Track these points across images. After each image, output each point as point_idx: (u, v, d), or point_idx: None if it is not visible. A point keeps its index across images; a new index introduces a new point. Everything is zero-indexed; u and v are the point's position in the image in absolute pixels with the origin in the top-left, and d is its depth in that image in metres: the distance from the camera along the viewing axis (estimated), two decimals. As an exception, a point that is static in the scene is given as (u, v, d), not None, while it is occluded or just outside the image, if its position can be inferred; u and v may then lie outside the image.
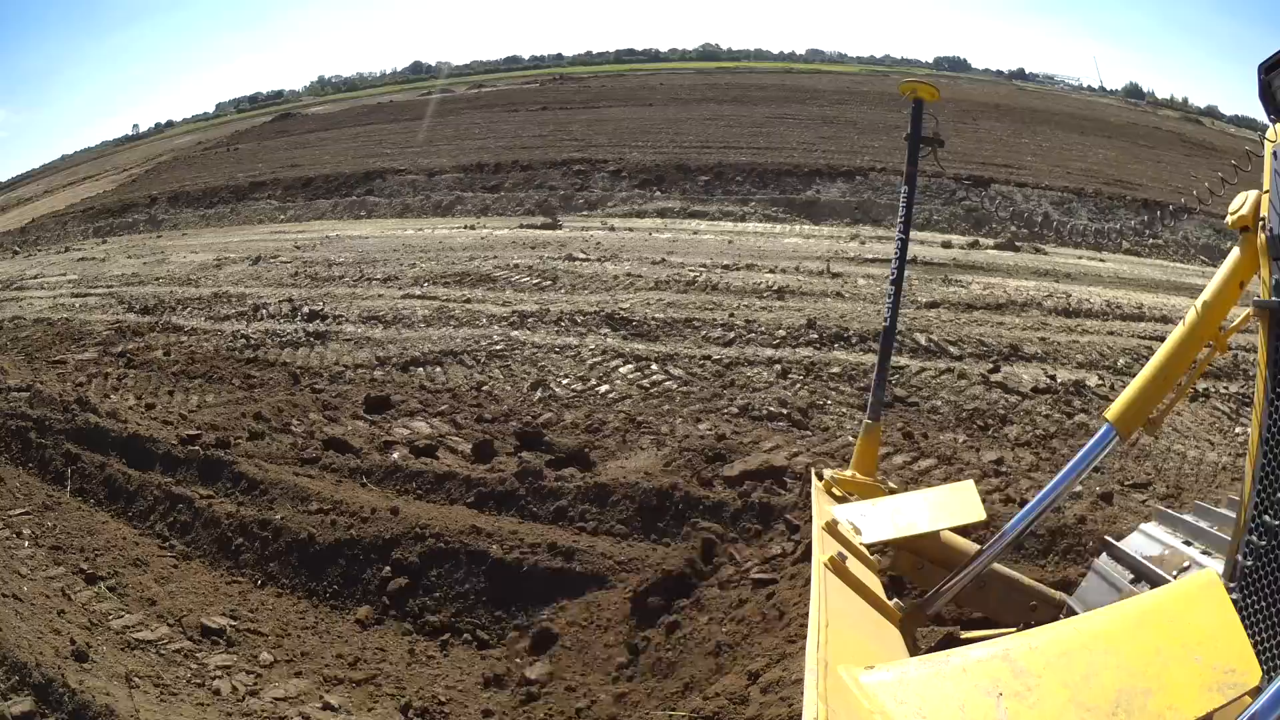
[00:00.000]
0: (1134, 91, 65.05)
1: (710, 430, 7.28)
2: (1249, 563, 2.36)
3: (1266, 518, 2.33)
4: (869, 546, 3.13)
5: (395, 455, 6.95)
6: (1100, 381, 8.63)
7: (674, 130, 29.35)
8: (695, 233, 18.33)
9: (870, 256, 14.95)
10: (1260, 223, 2.50)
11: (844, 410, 7.90)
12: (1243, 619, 2.25)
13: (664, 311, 10.90)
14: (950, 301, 11.68)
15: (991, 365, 8.91)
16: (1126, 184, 22.84)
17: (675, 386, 8.57)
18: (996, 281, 13.43)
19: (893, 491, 3.92)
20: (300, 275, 14.99)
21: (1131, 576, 2.98)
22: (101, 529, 6.08)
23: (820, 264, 14.03)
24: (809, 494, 3.74)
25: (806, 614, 2.46)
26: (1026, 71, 73.94)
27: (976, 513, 3.33)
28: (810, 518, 3.37)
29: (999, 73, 73.45)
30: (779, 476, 5.88)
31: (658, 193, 22.03)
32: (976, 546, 3.39)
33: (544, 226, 19.15)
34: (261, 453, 7.10)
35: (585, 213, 21.31)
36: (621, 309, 11.00)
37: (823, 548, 2.72)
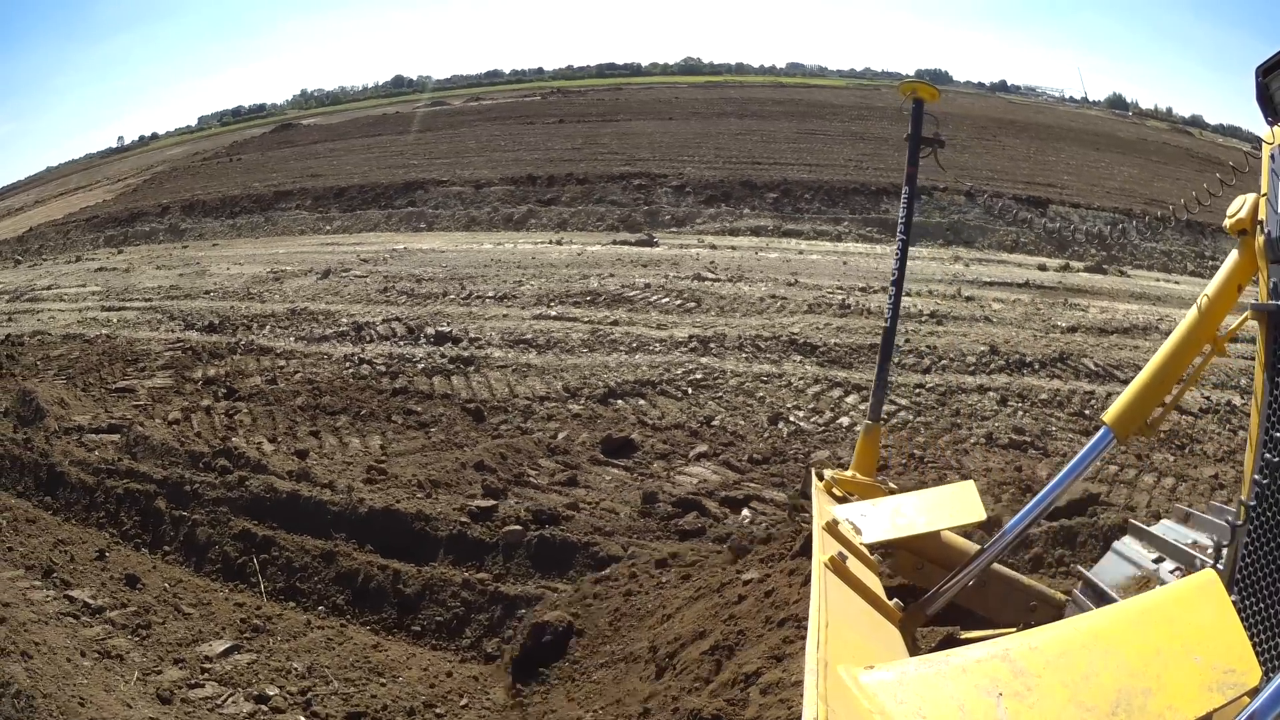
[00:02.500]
0: (1117, 102, 65.38)
1: (983, 463, 7.21)
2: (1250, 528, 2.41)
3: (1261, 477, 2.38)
4: (869, 546, 3.14)
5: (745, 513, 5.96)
6: (1243, 401, 8.68)
7: (713, 145, 29.28)
8: (801, 253, 17.90)
9: (988, 279, 14.98)
10: (1258, 226, 2.51)
11: (1071, 436, 7.92)
12: (1248, 566, 2.32)
13: (838, 336, 10.59)
14: (1085, 326, 11.79)
15: (1157, 389, 9.21)
16: (1161, 203, 22.70)
17: (911, 417, 8.30)
18: (1107, 305, 13.50)
19: (892, 492, 3.93)
20: (391, 291, 13.86)
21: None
22: (396, 666, 4.21)
23: (946, 287, 14.05)
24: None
25: (804, 611, 2.43)
26: (1009, 83, 75.18)
27: (976, 513, 3.33)
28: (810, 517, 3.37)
29: (980, 85, 74.51)
30: (1095, 501, 5.97)
31: (746, 210, 21.66)
32: (976, 546, 3.40)
33: (639, 243, 18.53)
34: (614, 526, 5.61)
35: (674, 229, 20.72)
36: (793, 333, 10.64)
37: (823, 548, 2.73)
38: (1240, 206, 2.63)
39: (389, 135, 38.60)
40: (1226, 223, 2.68)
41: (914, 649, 2.93)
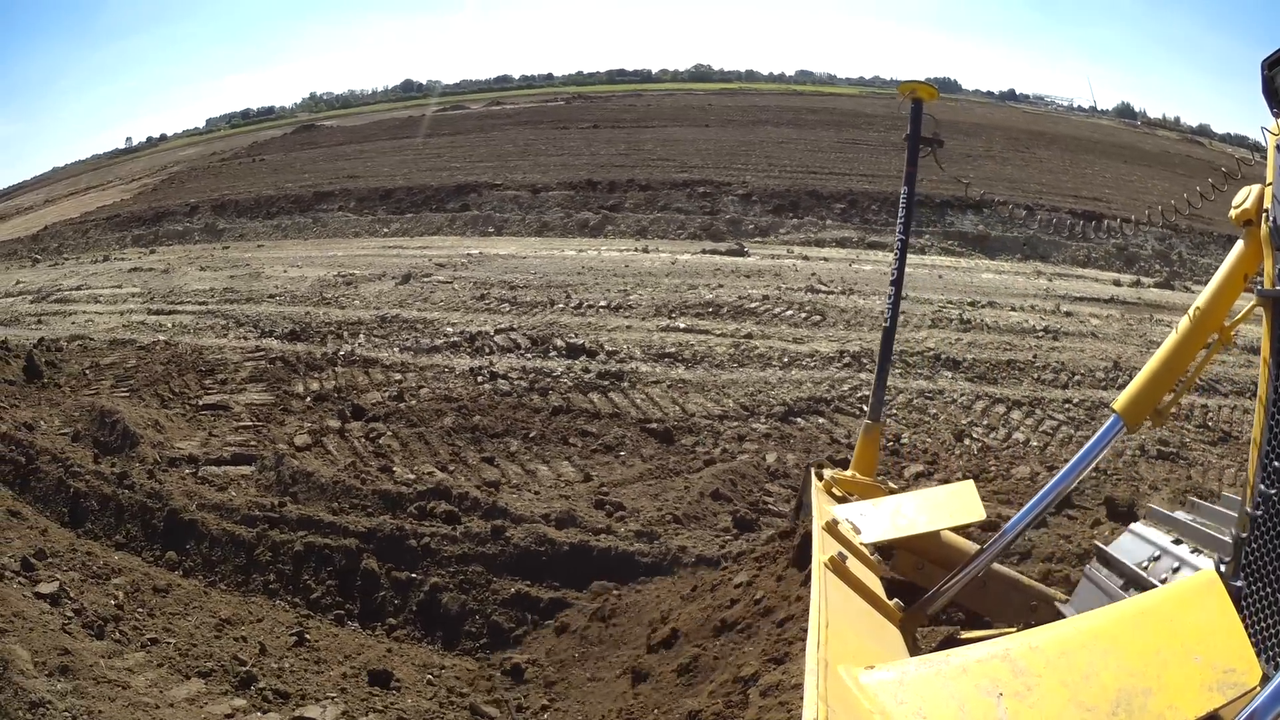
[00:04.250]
0: (1126, 111, 64.97)
1: (1153, 474, 7.31)
2: (1259, 513, 2.34)
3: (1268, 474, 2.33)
4: (869, 546, 3.14)
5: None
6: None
7: (762, 153, 29.08)
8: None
9: (1076, 295, 15.05)
10: (1264, 215, 2.50)
11: (1205, 447, 8.14)
12: (1252, 568, 2.25)
13: (973, 352, 10.74)
14: (1180, 342, 12.19)
15: (1267, 401, 9.56)
16: (1200, 219, 22.55)
17: (1072, 432, 8.38)
18: (1189, 322, 13.84)
19: (892, 491, 3.91)
20: (488, 299, 13.25)
21: (1122, 583, 2.94)
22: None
23: (1044, 301, 14.19)
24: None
25: (800, 613, 2.39)
26: (1017, 92, 75.67)
27: (976, 513, 3.32)
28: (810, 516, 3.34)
29: (990, 94, 74.54)
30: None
31: (829, 221, 21.63)
32: (976, 546, 3.37)
33: (730, 253, 18.22)
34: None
35: (760, 239, 20.39)
36: (929, 348, 10.75)
37: (823, 548, 2.73)
38: (1246, 197, 2.63)
39: (415, 138, 38.35)
40: (1232, 214, 2.68)
41: (914, 649, 2.91)
